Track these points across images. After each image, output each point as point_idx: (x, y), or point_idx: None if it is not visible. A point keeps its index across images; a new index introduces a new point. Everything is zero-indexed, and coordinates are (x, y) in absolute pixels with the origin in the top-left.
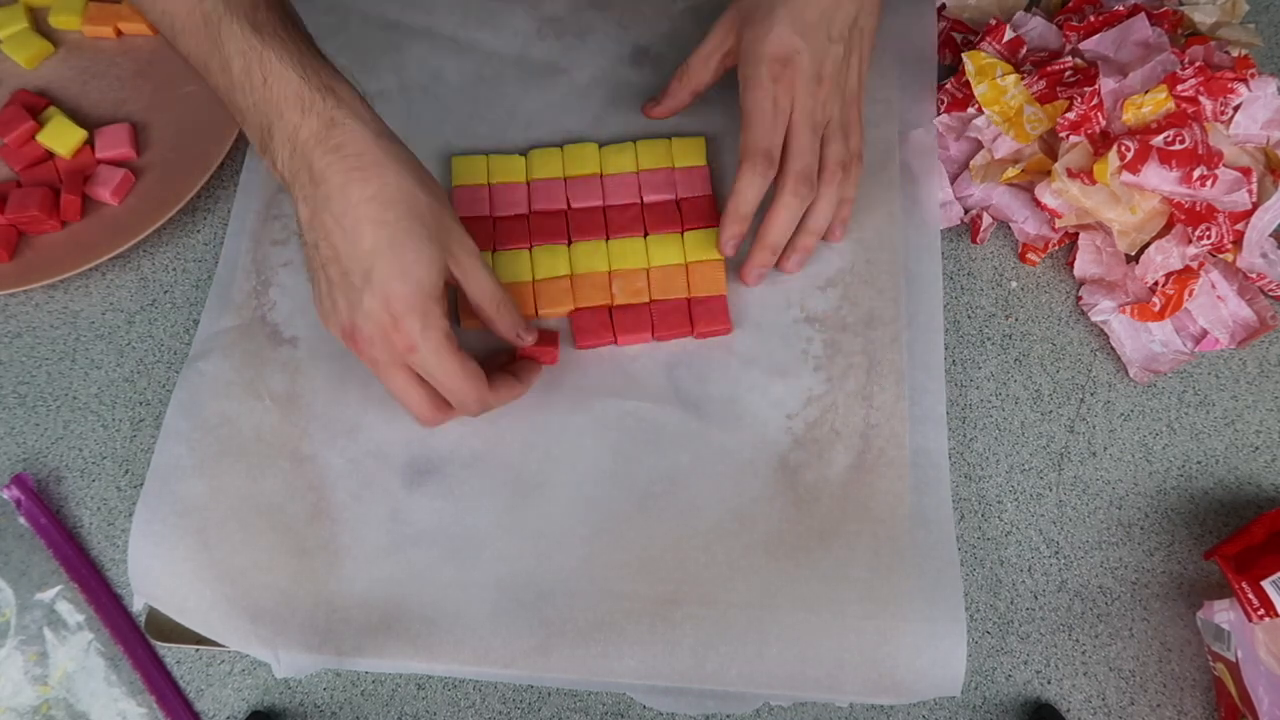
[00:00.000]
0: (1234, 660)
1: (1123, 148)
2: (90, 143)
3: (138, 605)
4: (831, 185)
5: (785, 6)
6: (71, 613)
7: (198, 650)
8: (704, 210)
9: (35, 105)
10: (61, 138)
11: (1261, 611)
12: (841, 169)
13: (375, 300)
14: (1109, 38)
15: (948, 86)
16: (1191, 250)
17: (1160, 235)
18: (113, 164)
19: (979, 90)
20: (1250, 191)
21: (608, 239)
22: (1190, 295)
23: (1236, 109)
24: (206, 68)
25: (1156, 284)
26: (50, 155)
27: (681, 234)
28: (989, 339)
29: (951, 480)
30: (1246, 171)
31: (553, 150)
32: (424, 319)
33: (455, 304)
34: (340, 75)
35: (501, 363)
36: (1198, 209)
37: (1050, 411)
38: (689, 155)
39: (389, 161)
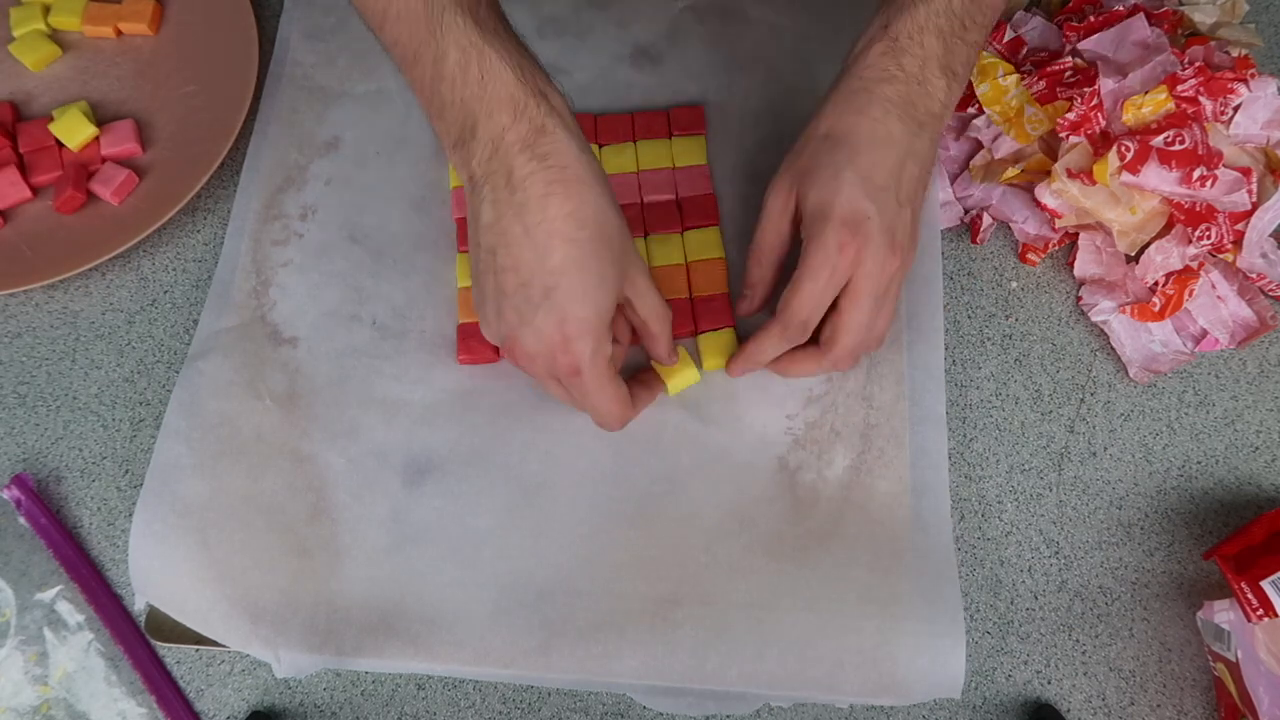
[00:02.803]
0: (1234, 660)
1: (1123, 148)
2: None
3: (138, 605)
4: (866, 354)
5: (852, 166)
6: (71, 613)
7: (198, 650)
8: (704, 209)
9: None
10: (72, 130)
11: (1261, 611)
12: (879, 343)
13: (551, 319)
14: (1108, 38)
15: None
16: (1191, 250)
17: (1160, 235)
18: (118, 160)
19: (981, 90)
20: (1250, 192)
21: None
22: (1190, 295)
23: (1236, 109)
24: (415, 57)
25: (1156, 284)
26: (59, 145)
27: (681, 234)
28: (989, 339)
29: (951, 480)
30: (1246, 172)
31: None
32: (596, 345)
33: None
34: (551, 81)
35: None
36: (1198, 209)
37: (1050, 411)
38: (689, 155)
39: (590, 179)
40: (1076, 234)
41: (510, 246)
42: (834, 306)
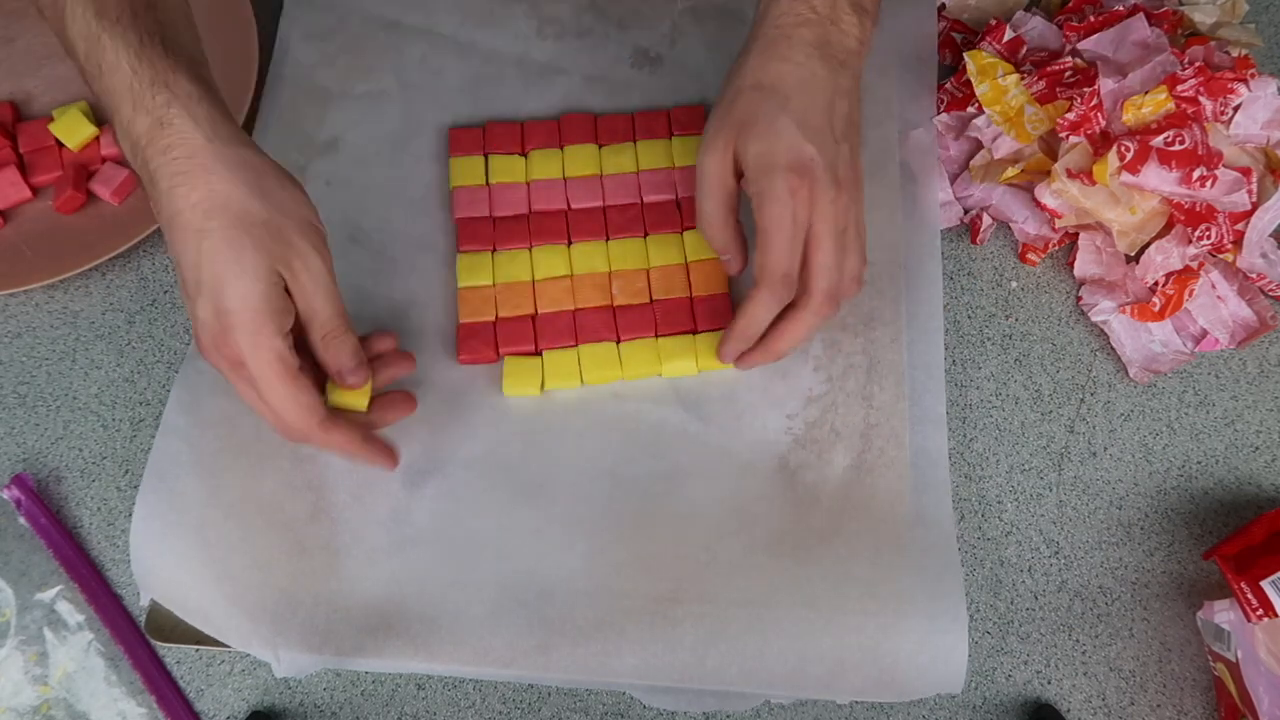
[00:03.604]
0: (1234, 660)
1: (1122, 148)
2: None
3: (143, 601)
4: (847, 299)
5: (786, 112)
6: (71, 613)
7: (198, 650)
8: None
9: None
10: (72, 130)
11: (1260, 612)
12: (856, 284)
13: (208, 310)
14: (1107, 38)
15: (948, 86)
16: (1191, 250)
17: (1160, 235)
18: (118, 160)
19: (980, 90)
20: (1250, 192)
21: (607, 239)
22: (1190, 295)
23: (1236, 109)
24: (66, 49)
25: (1156, 284)
26: (59, 145)
27: (681, 234)
28: (989, 339)
29: (951, 480)
30: (1246, 172)
31: (552, 150)
32: (253, 336)
33: None
34: (188, 68)
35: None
36: (1198, 209)
37: (1050, 411)
38: (689, 155)
39: (218, 167)
40: (1076, 234)
41: (169, 240)
42: (801, 259)
